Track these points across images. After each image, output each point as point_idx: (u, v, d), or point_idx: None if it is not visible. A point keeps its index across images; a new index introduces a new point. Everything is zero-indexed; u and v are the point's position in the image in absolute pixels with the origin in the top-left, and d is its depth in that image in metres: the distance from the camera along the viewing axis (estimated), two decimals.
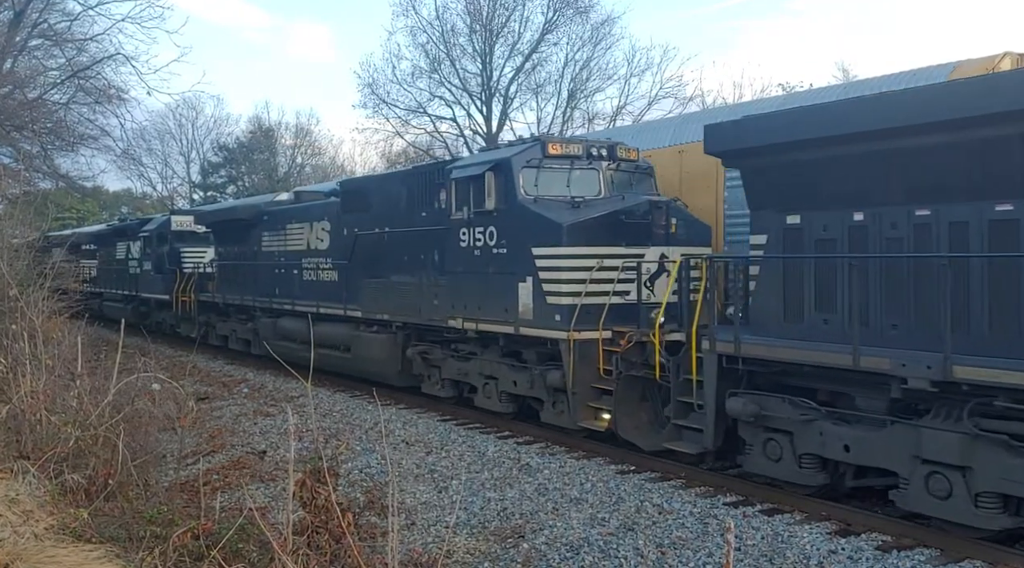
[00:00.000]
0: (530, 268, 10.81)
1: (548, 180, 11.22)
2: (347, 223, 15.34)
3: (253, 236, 19.52)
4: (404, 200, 13.75)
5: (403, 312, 13.59)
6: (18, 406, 8.77)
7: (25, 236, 17.71)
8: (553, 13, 42.66)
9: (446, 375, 13.15)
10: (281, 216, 18.58)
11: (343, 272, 15.46)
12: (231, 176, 60.77)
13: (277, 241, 18.45)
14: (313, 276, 16.77)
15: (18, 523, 6.21)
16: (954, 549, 6.83)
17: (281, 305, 17.74)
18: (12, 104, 22.95)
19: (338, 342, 15.27)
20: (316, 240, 16.69)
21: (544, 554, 7.13)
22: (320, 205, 17.24)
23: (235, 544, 6.02)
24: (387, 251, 14.07)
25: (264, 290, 18.58)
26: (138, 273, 26.92)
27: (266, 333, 17.93)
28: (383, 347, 14.10)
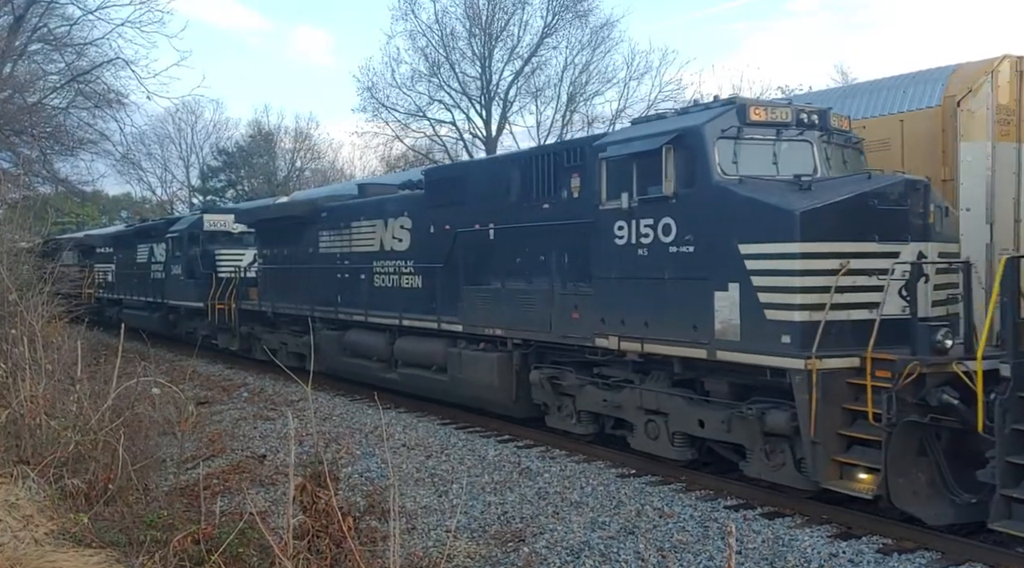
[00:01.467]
0: (735, 272, 8.15)
1: (749, 155, 8.70)
2: (435, 219, 13.14)
3: (307, 236, 17.11)
4: (516, 189, 11.49)
5: (523, 327, 11.13)
6: (18, 411, 8.76)
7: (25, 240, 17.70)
8: (552, 16, 42.73)
9: (583, 406, 10.56)
10: (344, 212, 16.19)
11: (431, 277, 13.21)
12: (230, 180, 60.79)
13: (339, 241, 16.06)
14: (388, 282, 14.53)
15: (18, 528, 6.21)
16: (955, 552, 6.83)
17: (350, 316, 15.30)
18: (11, 109, 22.96)
19: (429, 361, 13.03)
20: (392, 240, 14.38)
21: (544, 558, 7.12)
22: (397, 199, 14.77)
23: (235, 548, 6.02)
24: (493, 252, 11.90)
25: (323, 298, 16.17)
26: (163, 278, 24.21)
27: (329, 348, 15.83)
28: (493, 369, 11.58)
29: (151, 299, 25.28)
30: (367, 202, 15.85)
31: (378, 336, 14.32)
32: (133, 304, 27.25)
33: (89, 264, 31.88)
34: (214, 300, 20.46)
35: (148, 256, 25.90)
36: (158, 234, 25.13)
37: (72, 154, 26.89)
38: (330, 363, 15.91)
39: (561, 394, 10.92)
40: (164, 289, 24.05)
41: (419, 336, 13.41)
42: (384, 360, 14.19)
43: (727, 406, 8.65)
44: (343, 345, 15.44)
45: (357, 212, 15.74)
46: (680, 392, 9.27)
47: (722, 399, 8.77)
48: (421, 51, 44.28)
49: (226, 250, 21.82)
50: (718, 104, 9.13)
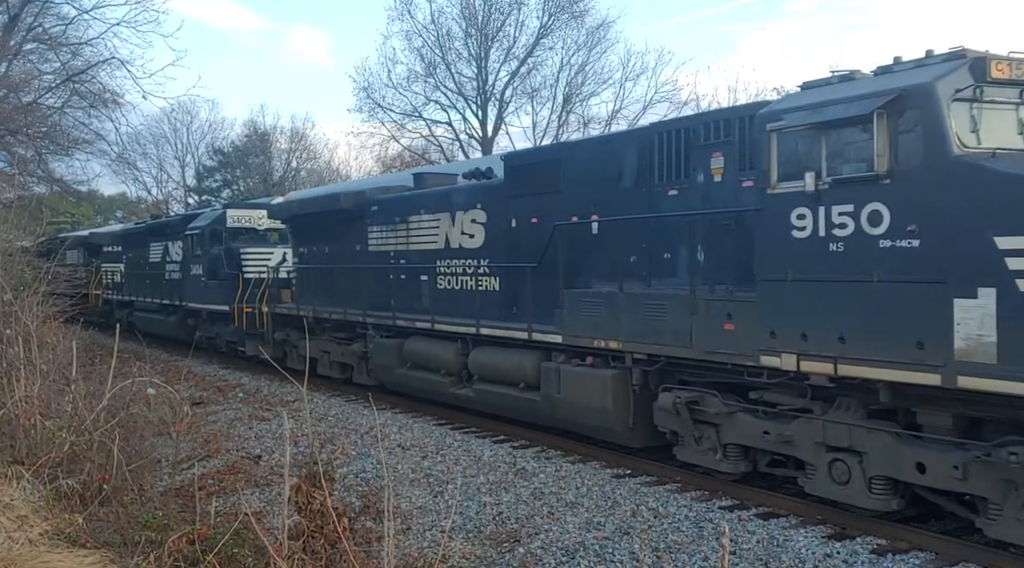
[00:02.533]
0: (990, 273, 6.31)
1: (990, 123, 6.91)
2: (518, 211, 11.60)
3: (354, 232, 15.43)
4: (630, 174, 9.97)
5: (650, 340, 9.12)
6: (12, 411, 8.75)
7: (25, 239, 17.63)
8: (548, 17, 42.80)
9: (732, 439, 8.58)
10: (399, 205, 14.48)
11: (514, 278, 11.60)
12: (226, 180, 60.75)
13: (393, 238, 14.43)
14: (456, 284, 12.88)
15: (12, 528, 6.20)
16: (949, 553, 6.84)
17: (411, 323, 13.41)
18: (7, 108, 22.92)
19: (515, 377, 11.13)
20: (461, 236, 12.76)
21: (540, 558, 7.13)
22: (467, 190, 13.17)
23: (230, 549, 6.02)
24: (598, 249, 10.26)
25: (375, 302, 14.37)
26: (181, 279, 22.45)
27: (384, 358, 14.09)
28: (606, 389, 9.62)
29: (167, 301, 23.59)
30: (427, 193, 14.04)
31: (447, 346, 12.57)
32: (146, 307, 25.56)
33: (95, 263, 30.59)
34: (241, 303, 18.67)
35: (162, 255, 24.28)
36: (174, 231, 23.50)
37: (67, 154, 26.87)
38: (384, 375, 14.30)
39: (700, 423, 8.85)
40: (182, 291, 22.29)
41: (501, 347, 11.51)
42: (454, 374, 12.52)
43: (958, 446, 6.74)
44: (404, 356, 13.61)
45: (415, 205, 14.00)
46: (883, 425, 7.30)
47: (943, 436, 6.87)
48: (417, 51, 44.34)
49: (253, 249, 20.12)
50: (938, 58, 7.07)
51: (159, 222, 26.90)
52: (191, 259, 21.60)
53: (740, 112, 8.93)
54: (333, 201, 16.33)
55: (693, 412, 8.87)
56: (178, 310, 22.81)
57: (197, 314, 21.63)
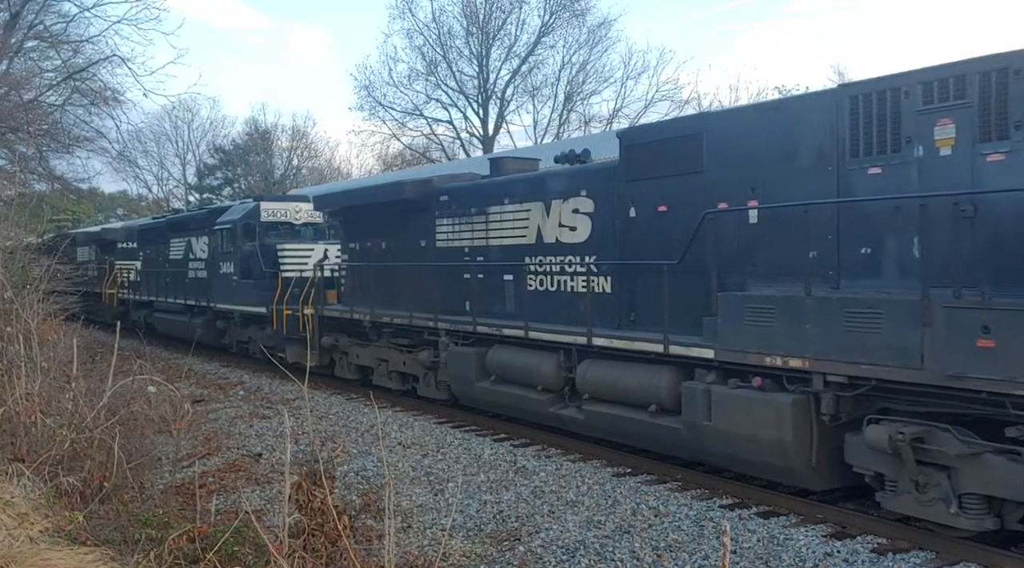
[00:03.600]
0: None
1: None
2: (640, 197, 9.83)
3: (418, 225, 13.85)
4: (806, 149, 8.11)
5: (854, 358, 7.11)
6: (13, 409, 8.75)
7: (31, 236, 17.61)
8: (549, 16, 42.92)
9: (974, 487, 6.73)
10: (476, 195, 12.78)
11: (633, 278, 10.03)
12: (227, 178, 60.86)
13: (468, 231, 12.79)
14: (551, 284, 11.18)
15: (13, 526, 6.20)
16: (949, 552, 6.83)
17: (496, 329, 11.63)
18: (8, 106, 22.96)
19: (642, 398, 9.30)
20: (559, 228, 11.04)
21: (540, 557, 7.13)
22: (567, 174, 11.25)
23: (231, 547, 6.02)
24: (762, 242, 8.55)
25: (448, 305, 12.77)
26: (207, 278, 20.81)
27: (461, 370, 12.37)
28: (782, 418, 7.72)
29: (192, 302, 21.85)
30: (512, 181, 12.35)
31: (544, 358, 10.76)
32: (167, 307, 23.87)
33: (109, 261, 29.31)
34: (281, 305, 16.96)
35: (184, 252, 22.70)
36: (199, 226, 21.83)
37: (68, 151, 26.97)
38: (460, 389, 12.60)
39: (923, 465, 7.00)
40: (209, 290, 20.62)
41: (622, 362, 9.63)
42: (553, 390, 10.75)
43: None
44: (488, 367, 11.84)
45: (497, 193, 12.29)
46: None
47: None
48: (418, 50, 44.46)
49: (292, 245, 18.36)
50: None
51: (181, 217, 25.01)
52: (220, 256, 19.92)
53: (983, 65, 6.87)
54: (394, 191, 14.39)
55: (917, 451, 6.96)
56: (205, 311, 21.05)
57: (228, 316, 19.92)
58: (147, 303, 25.47)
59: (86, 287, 29.28)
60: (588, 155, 11.85)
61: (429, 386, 13.59)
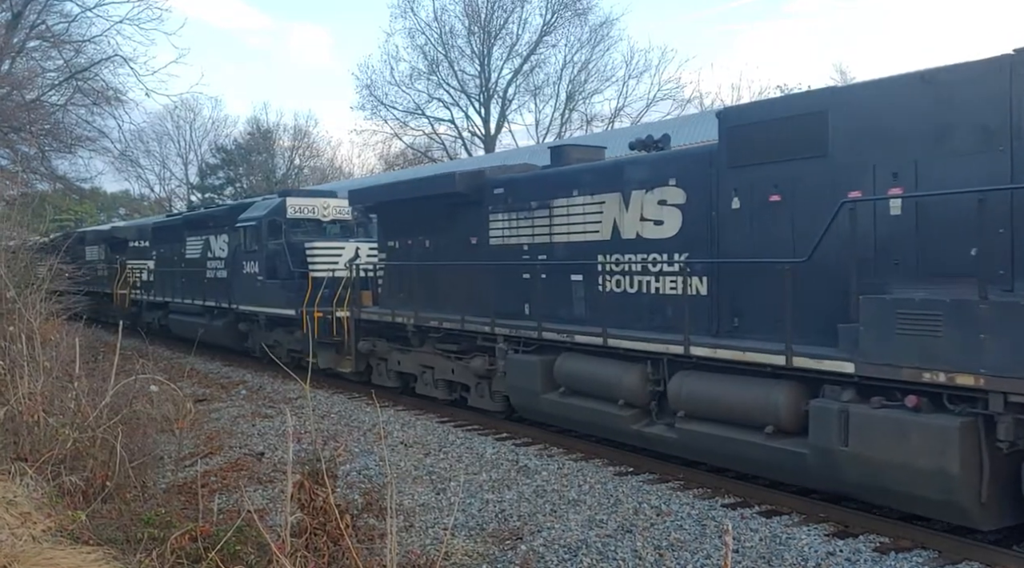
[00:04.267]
0: None
1: None
2: (742, 186, 8.72)
3: (469, 221, 12.81)
4: (967, 126, 7.00)
5: None
6: (16, 408, 8.76)
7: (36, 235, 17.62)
8: (551, 15, 42.94)
9: None
10: (536, 187, 11.71)
11: (736, 279, 8.89)
12: (229, 178, 60.94)
13: (527, 227, 11.75)
14: (631, 285, 10.07)
15: (15, 525, 6.20)
16: (952, 551, 6.83)
17: (567, 336, 10.46)
18: (10, 106, 22.99)
19: (754, 417, 8.09)
20: (641, 222, 9.94)
21: (542, 556, 7.13)
22: (650, 162, 10.15)
23: (233, 546, 6.02)
24: (908, 236, 7.39)
25: (505, 308, 11.69)
26: (227, 277, 19.72)
27: (523, 380, 11.16)
28: (946, 446, 6.55)
29: (211, 303, 20.64)
30: (581, 170, 11.26)
31: (627, 369, 9.62)
32: (184, 309, 22.67)
33: (120, 260, 28.29)
34: (312, 307, 15.87)
35: (202, 250, 21.55)
36: (218, 224, 20.70)
37: (70, 151, 27.01)
38: (522, 401, 11.35)
39: None
40: (231, 291, 19.44)
41: (727, 374, 8.47)
42: (638, 405, 9.60)
43: None
44: (552, 378, 10.74)
45: (562, 184, 11.16)
46: None
47: None
48: (420, 49, 44.51)
49: (321, 243, 17.19)
50: None
51: (198, 214, 23.77)
52: (243, 255, 18.70)
53: None
54: (443, 183, 13.16)
55: None
56: (226, 313, 19.87)
57: (252, 319, 18.75)
58: (161, 304, 24.51)
59: (96, 287, 28.85)
60: (668, 141, 10.77)
61: (482, 397, 12.43)
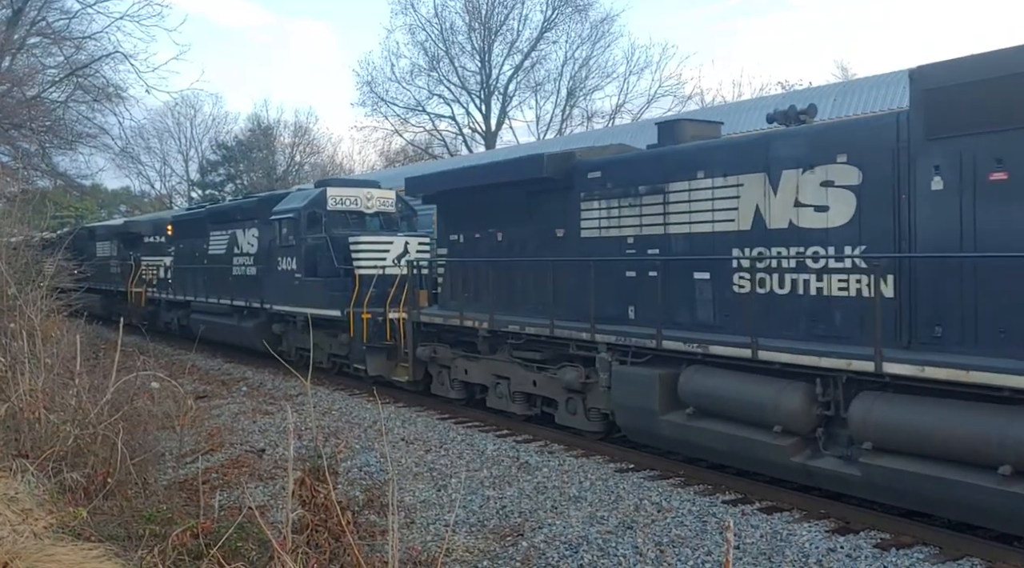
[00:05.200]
0: None
1: None
2: (945, 162, 7.14)
3: (554, 210, 11.29)
4: None
5: None
6: (17, 405, 8.76)
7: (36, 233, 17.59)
8: (552, 11, 42.87)
9: None
10: (645, 168, 10.14)
11: (945, 279, 7.20)
12: (229, 174, 60.91)
13: (633, 216, 10.14)
14: (779, 285, 8.50)
15: (17, 522, 6.20)
16: (953, 547, 6.83)
17: (701, 347, 8.77)
18: (10, 102, 22.97)
19: (981, 454, 6.51)
20: (795, 208, 8.33)
21: (543, 552, 7.13)
22: (807, 135, 8.51)
23: (234, 543, 6.03)
24: None
25: (599, 310, 10.01)
26: (257, 275, 18.35)
27: (634, 397, 9.48)
28: None
29: (240, 303, 19.10)
30: (708, 148, 9.63)
31: (785, 388, 7.96)
32: (208, 308, 21.13)
33: (134, 256, 27.06)
34: (360, 308, 14.55)
35: (228, 245, 20.14)
36: (247, 217, 19.33)
37: (71, 148, 27.00)
38: (635, 422, 9.65)
39: None
40: (263, 290, 17.96)
41: (933, 398, 6.90)
42: (800, 433, 7.96)
43: None
44: (676, 395, 9.08)
45: (684, 165, 9.61)
46: None
47: None
48: (420, 45, 44.46)
49: (368, 237, 15.72)
50: None
51: (223, 206, 22.24)
52: (278, 251, 17.31)
53: None
54: (525, 168, 11.54)
55: None
56: (257, 314, 18.32)
57: (287, 320, 17.23)
58: (182, 303, 23.00)
59: (108, 284, 28.49)
60: (815, 112, 9.36)
61: (575, 414, 10.76)
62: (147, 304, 25.63)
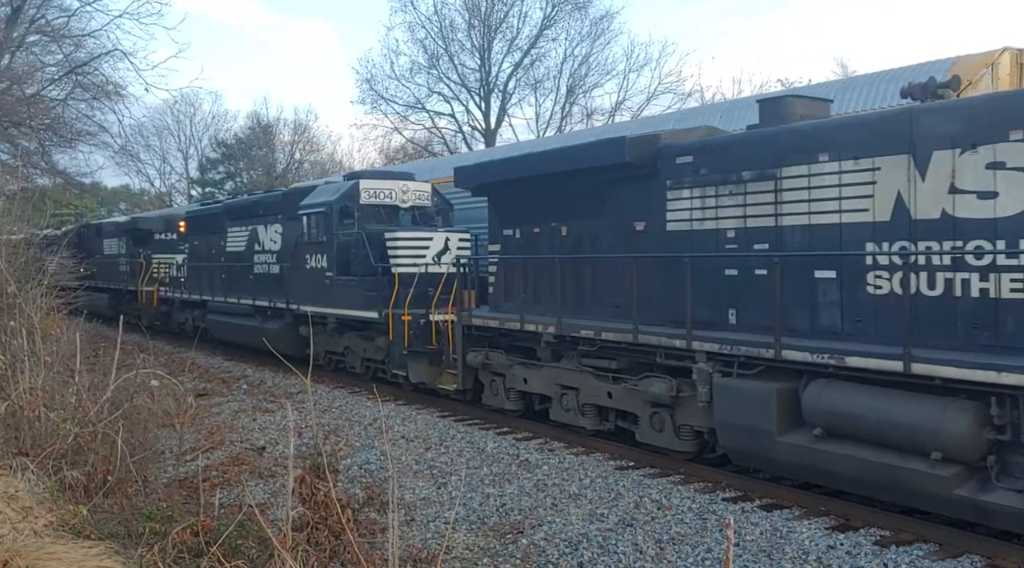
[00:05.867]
0: None
1: None
2: None
3: (631, 202, 10.09)
4: None
5: None
6: (17, 403, 8.77)
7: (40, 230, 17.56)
8: (552, 8, 42.81)
9: None
10: (751, 151, 8.84)
11: None
12: (229, 172, 60.88)
13: (734, 207, 8.92)
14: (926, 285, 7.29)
15: (17, 520, 6.21)
16: (953, 544, 6.83)
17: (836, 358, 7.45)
18: (10, 101, 22.97)
19: None
20: (946, 196, 7.19)
21: (543, 550, 7.13)
22: (966, 109, 7.30)
23: (234, 541, 6.03)
24: None
25: (694, 314, 8.78)
26: (281, 273, 17.43)
27: (744, 415, 8.16)
28: None
29: (264, 303, 17.92)
30: (830, 126, 8.43)
31: (950, 408, 6.73)
32: (227, 309, 19.96)
33: (143, 254, 26.12)
34: (401, 309, 13.62)
35: (248, 242, 19.18)
36: (269, 211, 18.36)
37: (70, 146, 27.02)
38: (743, 443, 8.30)
39: None
40: (289, 289, 16.96)
41: None
42: (965, 461, 6.76)
43: None
44: (800, 413, 7.77)
45: (799, 146, 8.31)
46: None
47: None
48: (420, 43, 44.41)
49: (406, 233, 14.74)
50: None
51: (242, 201, 21.19)
52: (306, 247, 16.29)
53: None
54: (605, 152, 10.29)
55: None
56: (282, 315, 17.18)
57: (316, 321, 15.77)
58: (198, 303, 21.86)
59: (115, 283, 27.92)
60: (957, 84, 8.25)
61: (661, 431, 9.50)
62: (159, 304, 24.83)
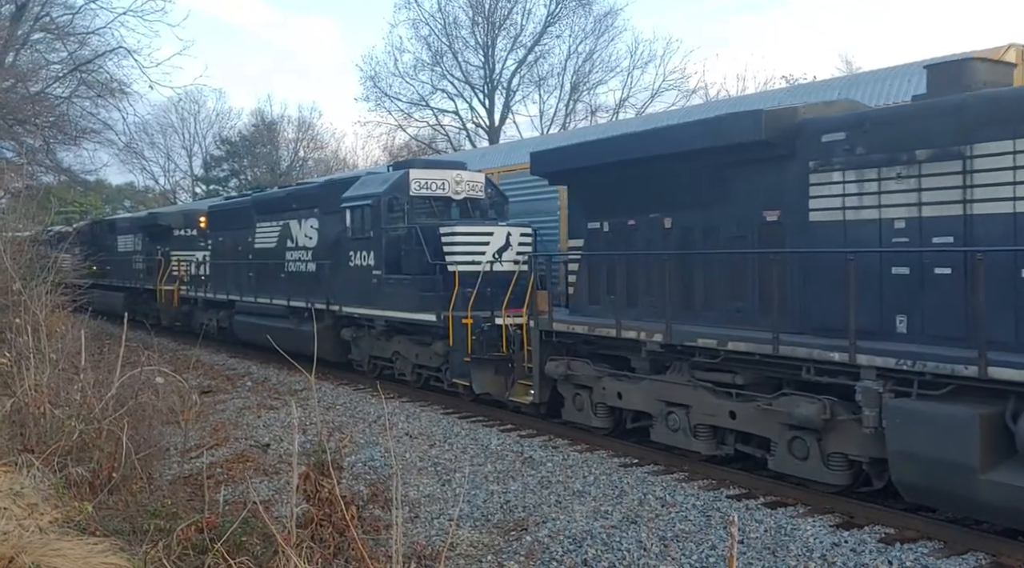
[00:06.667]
0: None
1: None
2: None
3: (757, 188, 8.86)
4: None
5: None
6: (22, 400, 8.79)
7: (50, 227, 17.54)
8: (556, 5, 42.77)
9: None
10: (922, 125, 7.42)
11: None
12: (233, 170, 60.97)
13: (903, 194, 7.57)
14: None
15: (23, 516, 6.23)
16: (957, 541, 6.82)
17: None
18: (14, 98, 23.00)
19: None
20: None
21: (547, 547, 7.13)
22: None
23: (239, 538, 6.04)
24: None
25: (847, 320, 7.34)
26: (317, 272, 16.33)
27: (928, 445, 6.72)
28: None
29: (300, 303, 16.53)
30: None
31: None
32: (256, 309, 18.65)
33: (162, 251, 24.97)
34: (463, 312, 12.35)
35: (280, 238, 17.95)
36: (303, 205, 17.07)
37: (75, 144, 27.03)
38: (938, 482, 6.79)
39: None
40: (329, 289, 15.74)
41: None
42: None
43: None
44: (1016, 446, 6.37)
45: (999, 118, 6.92)
46: None
47: None
48: (424, 40, 44.39)
49: (464, 228, 13.35)
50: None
51: (273, 194, 19.66)
52: (349, 243, 15.01)
53: None
54: (729, 130, 8.86)
55: None
56: (321, 317, 15.55)
57: (360, 324, 15.15)
58: (224, 303, 20.54)
59: (131, 282, 27.19)
60: None
61: (808, 460, 8.04)
62: (180, 304, 23.55)
